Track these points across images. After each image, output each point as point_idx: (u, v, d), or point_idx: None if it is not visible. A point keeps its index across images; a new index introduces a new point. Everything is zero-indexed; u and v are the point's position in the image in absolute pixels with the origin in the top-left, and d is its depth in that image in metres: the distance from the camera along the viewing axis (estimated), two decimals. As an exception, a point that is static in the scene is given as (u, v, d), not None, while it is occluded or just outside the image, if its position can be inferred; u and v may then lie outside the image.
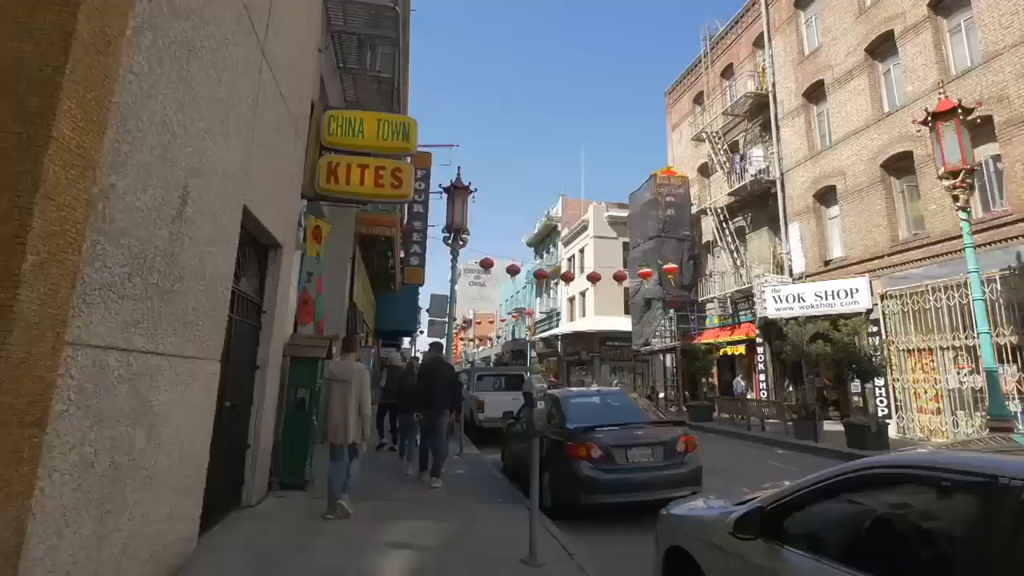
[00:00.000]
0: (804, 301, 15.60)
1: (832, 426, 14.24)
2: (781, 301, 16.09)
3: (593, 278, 19.46)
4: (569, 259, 37.31)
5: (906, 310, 13.55)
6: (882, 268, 14.28)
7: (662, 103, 28.21)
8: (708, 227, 22.47)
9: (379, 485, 7.04)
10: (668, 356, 24.77)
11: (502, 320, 51.86)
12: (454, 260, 14.08)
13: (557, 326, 39.03)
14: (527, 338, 44.43)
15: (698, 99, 24.53)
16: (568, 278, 19.32)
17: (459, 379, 8.94)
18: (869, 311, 14.11)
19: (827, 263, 16.42)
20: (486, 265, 17.96)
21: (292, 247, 6.50)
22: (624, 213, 33.98)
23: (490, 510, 6.06)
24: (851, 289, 14.73)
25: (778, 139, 18.60)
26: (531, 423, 4.47)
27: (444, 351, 9.76)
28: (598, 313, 33.58)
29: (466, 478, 7.99)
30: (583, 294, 35.75)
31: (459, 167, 13.05)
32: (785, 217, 17.97)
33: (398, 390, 8.73)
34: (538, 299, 45.64)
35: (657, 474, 6.03)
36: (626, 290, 32.37)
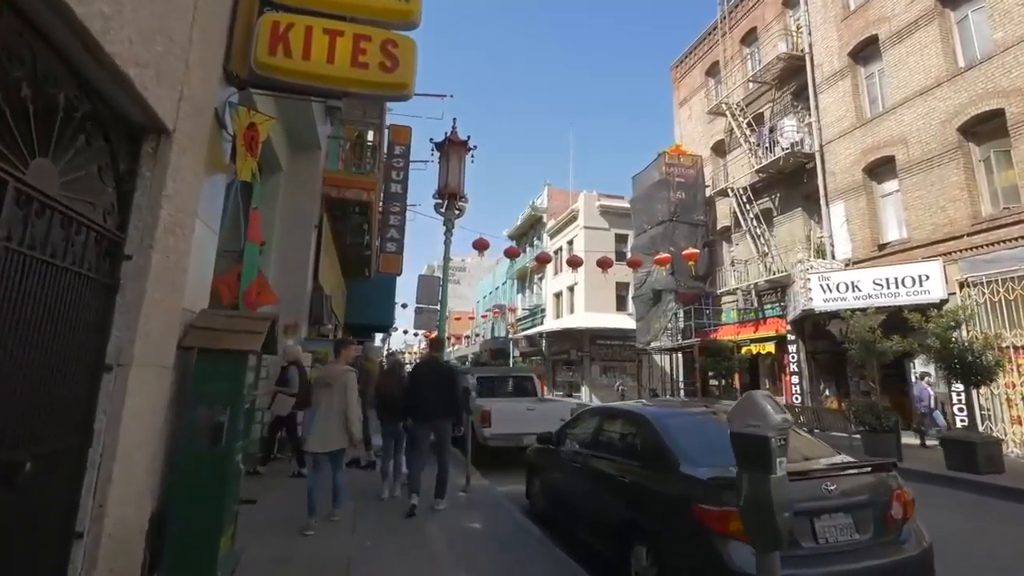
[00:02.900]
0: (860, 291, 13.20)
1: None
2: (831, 291, 13.67)
3: (604, 264, 16.82)
4: (556, 251, 34.76)
5: (996, 299, 11.23)
6: (960, 250, 11.96)
7: (661, 85, 25.87)
8: (725, 211, 20.01)
9: (356, 552, 4.17)
10: (670, 356, 22.28)
11: (482, 317, 48.95)
12: (448, 232, 11.16)
13: (541, 323, 36.46)
14: (508, 336, 41.68)
15: (712, 70, 22.09)
16: (576, 262, 16.59)
17: (458, 378, 6.64)
18: (944, 301, 11.78)
19: (882, 247, 14.06)
20: (480, 247, 15.11)
21: (195, 143, 3.52)
22: (616, 203, 31.77)
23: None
24: (920, 276, 12.39)
25: (816, 107, 16.22)
26: (774, 519, 1.68)
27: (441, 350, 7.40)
28: (588, 309, 31.22)
29: (488, 537, 5.15)
30: (571, 289, 33.28)
31: (454, 119, 10.20)
32: (826, 195, 15.58)
33: (376, 395, 7.01)
34: (519, 295, 42.93)
35: (869, 565, 3.33)
36: (618, 284, 29.99)
